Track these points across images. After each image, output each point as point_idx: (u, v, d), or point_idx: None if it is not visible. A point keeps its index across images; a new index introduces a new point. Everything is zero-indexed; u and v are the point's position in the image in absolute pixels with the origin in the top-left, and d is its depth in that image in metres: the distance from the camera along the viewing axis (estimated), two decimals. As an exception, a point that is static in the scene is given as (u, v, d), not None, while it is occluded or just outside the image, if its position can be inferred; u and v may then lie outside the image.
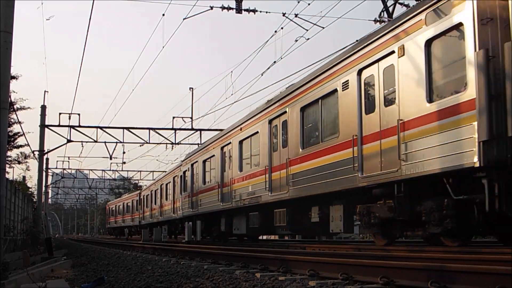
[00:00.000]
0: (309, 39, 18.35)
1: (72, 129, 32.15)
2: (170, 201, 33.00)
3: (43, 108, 32.84)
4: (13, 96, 28.86)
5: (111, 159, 36.83)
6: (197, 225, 24.13)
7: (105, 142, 34.15)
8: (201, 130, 33.65)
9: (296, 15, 18.27)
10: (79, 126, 31.91)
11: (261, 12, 19.15)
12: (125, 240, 41.74)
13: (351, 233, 16.64)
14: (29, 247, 25.28)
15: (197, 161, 25.13)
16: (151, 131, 33.30)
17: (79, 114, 31.51)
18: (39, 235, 30.69)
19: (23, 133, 31.59)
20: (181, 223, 29.69)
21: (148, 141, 33.99)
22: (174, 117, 32.38)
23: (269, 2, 25.22)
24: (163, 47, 23.34)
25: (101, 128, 32.72)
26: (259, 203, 17.06)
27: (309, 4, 17.40)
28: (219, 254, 10.74)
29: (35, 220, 33.21)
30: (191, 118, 32.38)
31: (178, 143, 35.03)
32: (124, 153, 44.42)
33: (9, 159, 32.88)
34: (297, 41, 18.66)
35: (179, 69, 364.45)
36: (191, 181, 26.01)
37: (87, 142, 34.52)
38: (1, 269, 8.75)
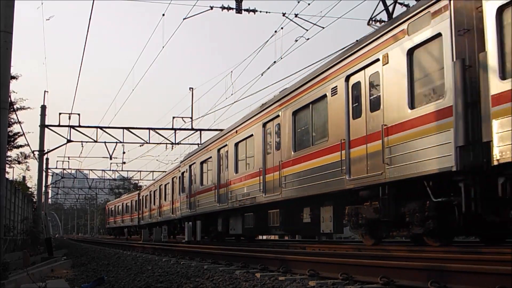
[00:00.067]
0: (309, 39, 18.44)
1: (72, 129, 31.96)
2: (169, 201, 33.13)
3: (43, 108, 32.69)
4: (13, 96, 28.95)
5: (111, 159, 36.79)
6: (197, 225, 24.27)
7: (105, 142, 34.01)
8: (201, 130, 33.53)
9: (296, 15, 18.31)
10: (79, 126, 31.72)
11: (261, 12, 19.14)
12: (125, 240, 41.80)
13: (341, 233, 16.95)
14: (29, 247, 25.18)
15: (195, 162, 25.43)
16: (151, 131, 33.13)
17: (79, 114, 31.47)
18: (39, 235, 30.57)
19: (23, 133, 31.66)
20: (180, 223, 29.92)
21: (148, 141, 33.86)
22: (174, 117, 32.31)
23: (269, 2, 25.21)
24: (163, 47, 23.37)
25: (101, 128, 32.62)
26: (254, 204, 17.44)
27: (309, 4, 17.46)
28: (219, 254, 10.76)
29: (35, 220, 33.06)
30: (191, 118, 32.33)
31: (178, 143, 34.93)
32: (124, 153, 44.42)
33: (9, 159, 32.88)
34: (297, 41, 18.76)
35: (179, 69, 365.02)
36: (189, 182, 26.29)
37: (87, 142, 34.38)
38: (1, 269, 8.74)
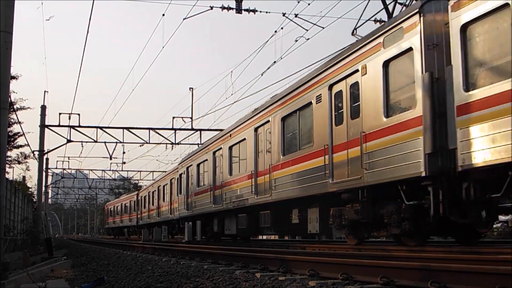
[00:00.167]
0: (309, 39, 18.70)
1: (72, 129, 32.05)
2: (167, 202, 33.57)
3: (43, 108, 32.75)
4: (13, 96, 29.05)
5: (111, 159, 36.89)
6: (197, 226, 24.64)
7: (105, 142, 34.05)
8: (201, 130, 33.64)
9: (296, 15, 18.56)
10: (79, 126, 31.80)
11: (261, 12, 19.33)
12: (125, 240, 42.15)
13: (326, 234, 17.56)
14: (29, 247, 25.35)
15: (192, 164, 26.01)
16: (151, 131, 33.19)
17: (79, 114, 31.55)
18: (39, 235, 30.76)
19: (23, 133, 31.74)
20: (178, 223, 30.37)
21: (148, 141, 33.89)
22: (174, 117, 32.41)
23: (269, 2, 25.49)
24: (163, 47, 23.51)
25: (101, 128, 32.70)
26: (246, 205, 18.10)
27: (309, 4, 17.66)
28: (219, 254, 10.86)
29: (35, 220, 33.20)
30: (191, 118, 32.43)
31: (178, 143, 35.03)
32: (124, 153, 44.64)
33: (9, 159, 32.98)
34: (297, 41, 19.05)
35: (179, 69, 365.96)
36: (187, 183, 26.83)
37: (87, 142, 34.42)
38: (1, 269, 8.79)
